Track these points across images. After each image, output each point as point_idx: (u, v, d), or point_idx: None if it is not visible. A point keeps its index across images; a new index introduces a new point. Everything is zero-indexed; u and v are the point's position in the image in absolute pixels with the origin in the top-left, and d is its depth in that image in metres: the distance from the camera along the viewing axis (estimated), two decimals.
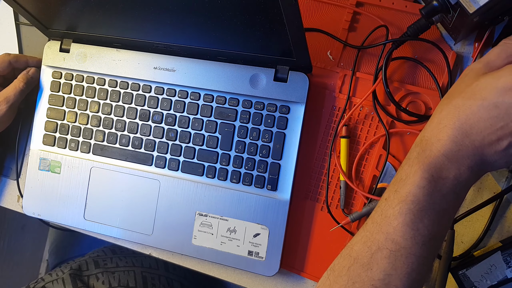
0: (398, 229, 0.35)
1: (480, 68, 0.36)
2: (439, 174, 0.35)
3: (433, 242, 0.36)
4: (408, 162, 0.36)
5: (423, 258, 0.35)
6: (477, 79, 0.35)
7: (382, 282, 0.35)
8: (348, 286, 0.36)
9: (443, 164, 0.35)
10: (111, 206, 0.59)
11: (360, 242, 0.37)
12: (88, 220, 0.59)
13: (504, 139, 0.33)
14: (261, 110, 0.54)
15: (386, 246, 0.35)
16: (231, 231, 0.54)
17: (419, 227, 0.35)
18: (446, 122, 0.35)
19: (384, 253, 0.35)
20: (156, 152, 0.58)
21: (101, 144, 0.60)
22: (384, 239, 0.35)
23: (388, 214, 0.36)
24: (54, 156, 0.61)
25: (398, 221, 0.35)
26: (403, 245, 0.35)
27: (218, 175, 0.56)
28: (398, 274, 0.35)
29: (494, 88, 0.33)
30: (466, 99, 0.34)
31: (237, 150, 0.55)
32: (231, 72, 0.55)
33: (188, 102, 0.57)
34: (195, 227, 0.56)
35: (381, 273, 0.35)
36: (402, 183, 0.36)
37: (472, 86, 0.35)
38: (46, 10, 0.56)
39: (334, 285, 0.37)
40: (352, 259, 0.37)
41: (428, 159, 0.35)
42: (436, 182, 0.35)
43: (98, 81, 0.60)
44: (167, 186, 0.57)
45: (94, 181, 0.60)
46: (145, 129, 0.58)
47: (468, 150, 0.34)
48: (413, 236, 0.35)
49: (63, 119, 0.61)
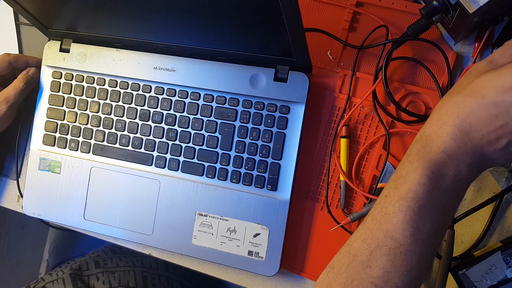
0: (397, 226, 0.35)
1: (483, 66, 0.36)
2: (440, 171, 0.35)
3: (432, 239, 0.36)
4: (408, 158, 0.36)
5: (422, 256, 0.35)
6: (479, 77, 0.35)
7: (381, 280, 0.35)
8: (347, 284, 0.36)
9: (443, 161, 0.35)
10: (111, 206, 0.59)
11: (359, 240, 0.37)
12: (88, 220, 0.59)
13: (504, 137, 0.33)
14: (261, 110, 0.54)
15: (386, 243, 0.35)
16: (231, 231, 0.54)
17: (418, 225, 0.35)
18: (446, 119, 0.35)
19: (384, 250, 0.35)
20: (156, 152, 0.58)
21: (101, 144, 0.60)
22: (383, 237, 0.35)
23: (388, 211, 0.36)
24: (54, 156, 0.61)
25: (398, 218, 0.35)
26: (402, 242, 0.35)
27: (218, 175, 0.56)
28: (397, 271, 0.35)
29: (494, 86, 0.33)
30: (466, 96, 0.34)
31: (237, 150, 0.55)
32: (231, 72, 0.55)
33: (188, 102, 0.57)
34: (195, 227, 0.56)
35: (380, 270, 0.35)
36: (403, 180, 0.36)
37: (473, 84, 0.35)
38: (46, 10, 0.56)
39: (333, 283, 0.37)
40: (351, 256, 0.37)
41: (429, 156, 0.35)
42: (436, 179, 0.35)
43: (98, 81, 0.60)
44: (167, 186, 0.57)
45: (94, 181, 0.60)
46: (145, 129, 0.58)
47: (468, 148, 0.34)
48: (413, 234, 0.35)
49: (63, 119, 0.61)
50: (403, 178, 0.36)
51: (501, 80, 0.33)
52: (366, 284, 0.35)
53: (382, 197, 0.37)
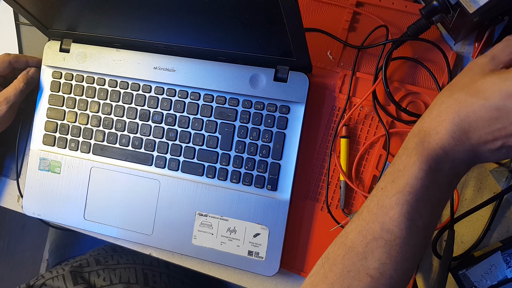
0: (394, 219, 0.36)
1: (486, 62, 0.37)
2: (436, 166, 0.36)
3: (425, 231, 0.37)
4: (406, 152, 0.37)
5: (417, 247, 0.36)
6: (483, 77, 0.35)
7: (377, 271, 0.36)
8: (343, 274, 0.37)
9: (440, 157, 0.35)
10: (111, 206, 0.59)
11: (355, 231, 0.38)
12: (88, 220, 0.59)
13: (499, 139, 0.34)
14: (261, 110, 0.54)
15: (382, 236, 0.36)
16: (231, 231, 0.54)
17: (414, 218, 0.36)
18: (446, 116, 0.35)
19: (380, 242, 0.36)
20: (156, 152, 0.58)
21: (101, 144, 0.60)
22: (379, 229, 0.36)
23: (385, 204, 0.36)
24: (54, 156, 0.61)
25: (394, 211, 0.36)
26: (398, 235, 0.36)
27: (218, 175, 0.56)
28: (392, 263, 0.36)
29: (499, 90, 0.33)
30: (469, 95, 0.35)
31: (237, 150, 0.55)
32: (231, 72, 0.55)
33: (188, 102, 0.57)
34: (195, 227, 0.56)
35: (376, 262, 0.36)
36: (400, 174, 0.36)
37: (478, 84, 0.35)
38: (46, 10, 0.56)
39: (328, 273, 0.37)
40: (347, 247, 0.37)
41: (427, 150, 0.36)
42: (433, 174, 0.36)
43: (98, 81, 0.60)
44: (167, 186, 0.57)
45: (94, 181, 0.60)
46: (145, 129, 0.58)
47: (464, 146, 0.35)
48: (409, 227, 0.35)
49: (63, 119, 0.61)
50: (400, 172, 0.36)
51: (506, 84, 0.33)
52: (362, 275, 0.36)
53: (378, 189, 0.38)
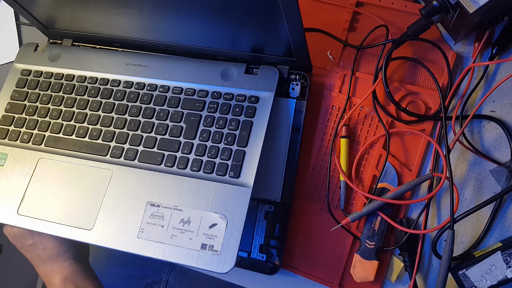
0: None
1: None
2: None
3: None
4: None
5: None
6: None
7: None
8: None
9: None
10: (52, 200, 0.54)
11: None
12: (22, 215, 0.55)
13: None
14: (229, 100, 0.54)
15: None
16: (184, 222, 0.50)
17: None
18: None
19: None
20: (113, 143, 0.56)
21: (55, 135, 0.58)
22: None
23: None
24: (1, 148, 0.59)
25: None
26: None
27: (178, 164, 0.52)
28: None
29: None
30: None
31: (201, 138, 0.53)
32: (204, 67, 0.56)
33: (156, 94, 0.56)
34: (144, 219, 0.51)
35: None
36: None
37: None
38: (46, 10, 0.56)
39: None
40: None
41: None
42: None
43: (66, 77, 0.60)
44: (119, 176, 0.53)
45: (39, 172, 0.56)
46: (106, 120, 0.57)
47: None
48: None
49: (22, 112, 0.60)
50: None
51: None
52: None
53: None
